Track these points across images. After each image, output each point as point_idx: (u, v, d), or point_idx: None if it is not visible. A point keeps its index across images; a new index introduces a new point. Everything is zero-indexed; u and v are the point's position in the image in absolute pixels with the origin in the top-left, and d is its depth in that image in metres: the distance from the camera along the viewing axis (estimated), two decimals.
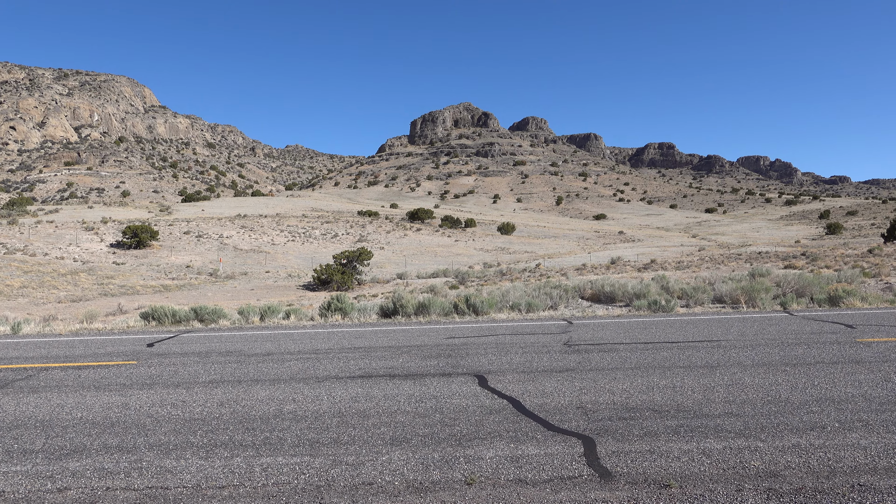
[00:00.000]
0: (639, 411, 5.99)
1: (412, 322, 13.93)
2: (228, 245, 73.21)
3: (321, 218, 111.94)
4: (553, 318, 13.91)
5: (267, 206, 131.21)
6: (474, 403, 6.42)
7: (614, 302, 18.65)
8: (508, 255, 78.72)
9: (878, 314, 12.88)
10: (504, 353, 9.27)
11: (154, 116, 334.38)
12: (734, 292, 16.94)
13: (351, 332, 12.13)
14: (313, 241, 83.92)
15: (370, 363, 8.71)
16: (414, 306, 15.41)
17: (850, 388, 6.65)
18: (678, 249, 73.11)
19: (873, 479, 4.34)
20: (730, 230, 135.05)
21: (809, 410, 5.87)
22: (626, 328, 11.72)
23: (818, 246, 66.98)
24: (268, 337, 11.80)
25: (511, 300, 16.83)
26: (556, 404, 6.30)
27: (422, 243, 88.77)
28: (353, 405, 6.48)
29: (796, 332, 10.56)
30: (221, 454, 5.14)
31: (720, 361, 8.18)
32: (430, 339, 10.81)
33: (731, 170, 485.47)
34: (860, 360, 8.07)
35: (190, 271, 54.10)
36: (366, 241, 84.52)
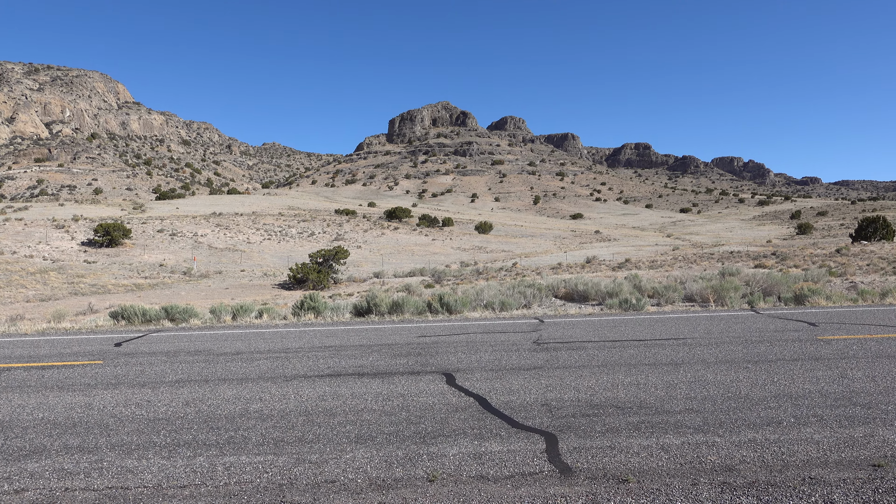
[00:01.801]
0: (602, 408, 6.07)
1: (385, 321, 13.92)
2: (203, 243, 72.40)
3: (298, 216, 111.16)
4: (525, 317, 14.00)
5: (243, 205, 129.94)
6: (441, 401, 6.46)
7: (587, 301, 18.82)
8: (485, 255, 78.92)
9: (841, 312, 13.18)
10: (474, 351, 9.32)
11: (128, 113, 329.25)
12: (704, 291, 17.20)
13: (323, 331, 12.10)
14: (290, 239, 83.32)
15: (340, 362, 8.71)
16: (388, 305, 15.40)
17: (807, 384, 6.81)
18: (653, 249, 73.94)
19: (824, 472, 4.46)
20: (704, 230, 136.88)
21: (767, 406, 6.00)
22: (596, 326, 11.85)
23: (788, 246, 68.21)
24: (239, 336, 11.72)
25: (485, 299, 16.90)
26: (521, 401, 6.36)
27: (399, 242, 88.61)
28: (320, 404, 6.48)
29: (760, 330, 10.77)
30: (184, 454, 5.11)
31: (685, 359, 8.32)
32: (401, 338, 10.83)
33: (705, 170, 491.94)
34: (819, 357, 8.26)
35: (163, 270, 53.42)
36: (343, 240, 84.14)
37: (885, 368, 7.48)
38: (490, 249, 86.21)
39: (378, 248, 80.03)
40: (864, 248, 48.65)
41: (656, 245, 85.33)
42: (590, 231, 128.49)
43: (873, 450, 4.83)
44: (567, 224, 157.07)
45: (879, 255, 39.41)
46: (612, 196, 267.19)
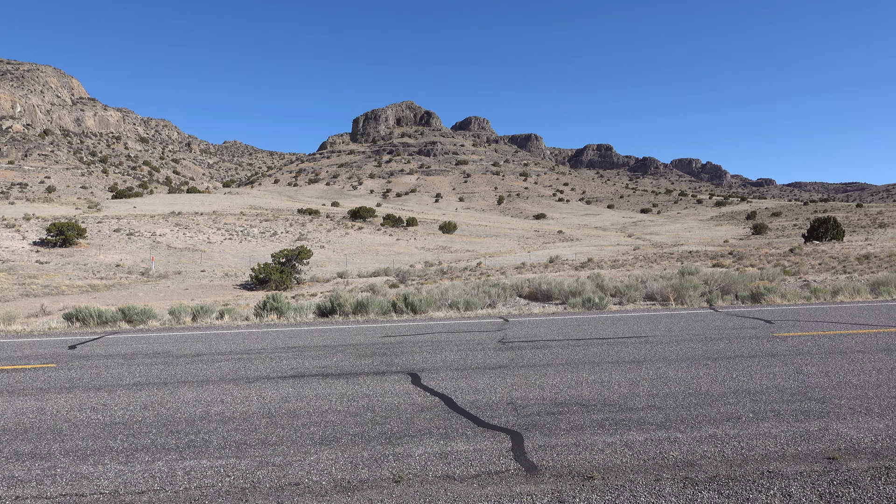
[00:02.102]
0: (567, 406, 6.12)
1: (349, 321, 13.81)
2: (162, 243, 70.82)
3: (260, 216, 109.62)
4: (490, 316, 14.05)
5: (203, 204, 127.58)
6: (406, 401, 6.42)
7: (551, 300, 18.98)
8: (450, 254, 79.03)
9: (795, 310, 13.57)
10: (439, 351, 9.31)
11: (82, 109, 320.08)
12: (664, 290, 17.51)
13: (286, 332, 11.94)
14: (251, 239, 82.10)
15: (303, 363, 8.60)
16: (352, 305, 15.29)
17: (765, 380, 6.98)
18: (614, 248, 75.06)
19: (782, 465, 4.57)
20: (663, 230, 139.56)
21: (727, 402, 6.13)
22: (560, 325, 11.96)
23: (745, 245, 69.99)
24: (199, 337, 11.48)
25: (449, 298, 16.90)
26: (487, 400, 6.37)
27: (363, 242, 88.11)
28: (284, 405, 6.39)
29: (719, 328, 11.01)
30: (143, 458, 4.98)
31: (647, 356, 8.45)
32: (366, 338, 10.76)
33: (665, 171, 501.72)
34: (776, 353, 8.48)
35: (120, 270, 52.09)
36: (306, 240, 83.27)
37: (838, 364, 7.72)
38: (454, 249, 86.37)
39: (342, 248, 79.45)
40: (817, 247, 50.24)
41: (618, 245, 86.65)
42: (553, 231, 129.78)
43: (828, 443, 4.97)
44: (530, 224, 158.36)
45: (830, 255, 40.75)
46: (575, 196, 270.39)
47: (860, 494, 4.09)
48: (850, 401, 6.09)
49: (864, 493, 4.12)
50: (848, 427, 5.33)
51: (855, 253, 41.21)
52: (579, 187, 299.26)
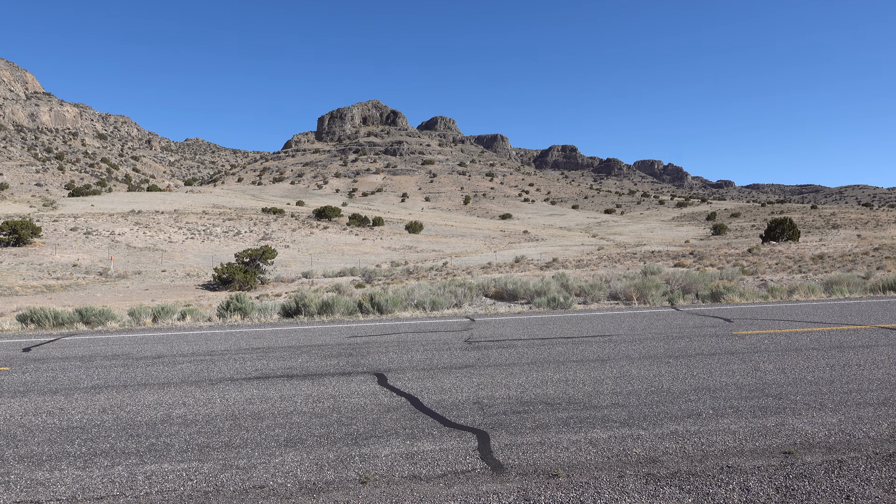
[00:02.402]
0: (532, 405, 6.18)
1: (315, 321, 13.70)
2: (121, 242, 69.17)
3: (223, 215, 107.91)
4: (457, 316, 14.09)
5: (164, 202, 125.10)
6: (373, 402, 6.40)
7: (517, 299, 19.11)
8: (416, 254, 78.95)
9: (753, 308, 13.93)
10: (406, 351, 9.30)
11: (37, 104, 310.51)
12: (628, 289, 17.79)
13: (250, 333, 11.78)
14: (214, 238, 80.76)
15: (268, 364, 8.50)
16: (317, 305, 15.16)
17: (724, 377, 7.15)
18: (579, 249, 75.94)
19: (741, 460, 4.69)
20: (627, 230, 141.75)
21: (688, 399, 6.26)
22: (525, 325, 12.05)
23: (705, 246, 71.51)
24: (160, 339, 11.25)
25: (416, 298, 16.89)
26: (453, 400, 6.39)
27: (329, 242, 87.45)
28: (248, 407, 6.30)
29: (681, 327, 11.24)
30: (101, 463, 4.86)
31: (611, 355, 8.58)
32: (331, 339, 10.69)
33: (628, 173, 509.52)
34: (735, 351, 8.70)
35: (77, 270, 50.71)
36: (270, 240, 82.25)
37: (794, 361, 7.95)
38: (421, 249, 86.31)
39: (307, 248, 78.71)
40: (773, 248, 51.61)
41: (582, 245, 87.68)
42: (518, 231, 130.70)
43: (784, 438, 5.12)
44: (496, 224, 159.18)
45: (787, 255, 41.93)
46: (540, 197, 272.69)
47: (815, 487, 4.23)
48: (805, 396, 6.28)
49: (819, 485, 4.25)
50: (803, 422, 5.49)
51: (810, 253, 42.48)
52: (544, 188, 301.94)
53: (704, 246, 70.24)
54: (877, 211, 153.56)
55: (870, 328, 10.53)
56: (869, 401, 6.11)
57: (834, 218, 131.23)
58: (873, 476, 4.39)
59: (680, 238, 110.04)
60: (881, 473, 4.43)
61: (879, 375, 7.09)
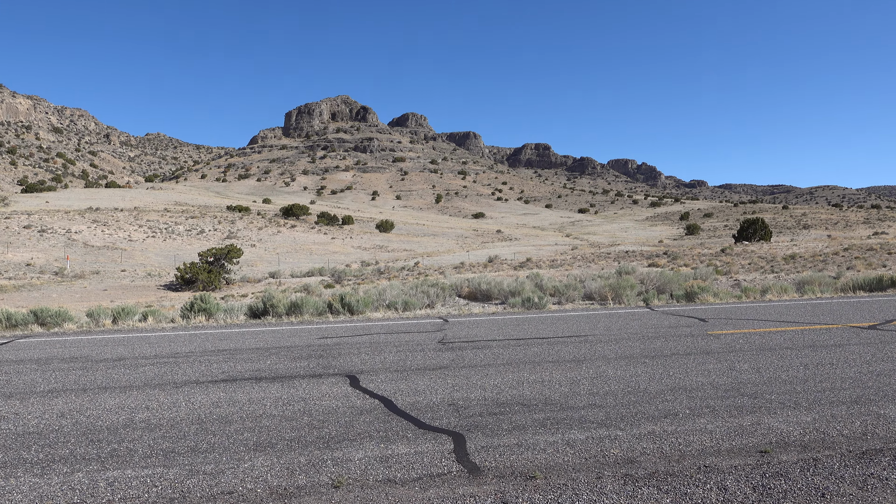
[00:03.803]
0: (509, 406, 6.20)
1: (283, 322, 13.58)
2: (78, 241, 67.67)
3: (186, 212, 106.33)
4: (429, 317, 14.09)
5: (124, 199, 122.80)
6: (345, 404, 6.37)
7: (490, 300, 19.18)
8: (387, 254, 78.76)
9: (727, 308, 14.19)
10: (378, 352, 9.27)
11: None
12: (602, 289, 17.98)
13: (215, 334, 11.63)
14: (177, 237, 79.51)
15: (235, 366, 8.40)
16: (285, 306, 15.03)
17: (700, 376, 7.27)
18: (553, 248, 76.54)
19: (717, 460, 4.77)
20: (601, 230, 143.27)
21: (664, 399, 6.35)
22: (500, 325, 12.10)
23: (679, 245, 72.64)
24: (120, 341, 11.04)
25: (387, 299, 16.85)
26: (428, 402, 6.38)
27: (297, 241, 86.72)
28: (215, 411, 6.22)
29: (656, 327, 11.40)
30: (60, 470, 4.74)
31: (587, 355, 8.66)
32: (301, 340, 10.60)
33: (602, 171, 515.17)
34: (710, 350, 8.85)
35: (31, 270, 49.45)
36: (236, 238, 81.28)
37: (768, 360, 8.11)
38: (392, 248, 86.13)
39: (274, 247, 77.97)
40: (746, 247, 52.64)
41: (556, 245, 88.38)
42: (492, 230, 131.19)
43: (760, 437, 5.22)
44: (469, 223, 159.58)
45: (759, 255, 42.81)
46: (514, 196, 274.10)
47: (790, 486, 4.32)
48: (780, 395, 6.42)
49: (794, 484, 4.34)
50: (778, 421, 5.61)
51: (782, 253, 43.42)
52: (518, 186, 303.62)
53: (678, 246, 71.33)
54: (846, 211, 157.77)
55: (841, 327, 10.81)
56: (842, 399, 6.27)
57: (805, 218, 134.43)
58: (847, 473, 4.50)
59: (654, 238, 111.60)
60: (855, 471, 4.55)
61: (852, 374, 7.28)
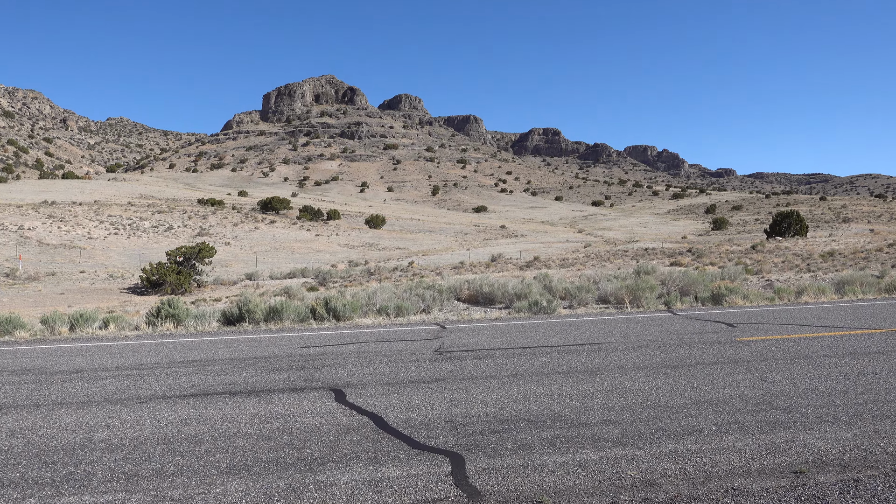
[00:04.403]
0: (513, 423, 6.20)
1: (261, 330, 13.59)
2: (31, 238, 67.63)
3: (152, 207, 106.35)
4: (425, 323, 14.10)
5: (83, 192, 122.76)
6: (329, 421, 6.36)
7: (493, 303, 19.19)
8: (378, 252, 78.82)
9: (758, 312, 14.21)
10: (367, 362, 9.27)
11: None
12: (619, 291, 17.99)
13: (185, 343, 11.63)
14: (142, 234, 79.51)
15: (206, 379, 8.39)
16: (263, 311, 15.04)
17: (728, 388, 7.28)
18: (563, 246, 76.62)
19: (747, 482, 4.77)
20: (617, 225, 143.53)
21: (688, 414, 6.35)
22: (504, 332, 12.11)
23: (704, 242, 72.80)
24: (79, 351, 11.03)
25: (378, 303, 16.86)
26: (423, 419, 6.38)
27: (276, 238, 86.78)
28: (183, 429, 6.21)
29: (679, 333, 11.41)
30: (10, 495, 4.73)
31: (601, 366, 8.66)
32: (280, 350, 10.61)
33: (618, 159, 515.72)
34: (739, 359, 8.86)
35: None
36: (208, 236, 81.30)
37: (804, 370, 8.12)
38: (383, 247, 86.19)
39: (251, 246, 77.98)
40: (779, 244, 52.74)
41: (567, 241, 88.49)
42: (495, 226, 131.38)
43: (794, 456, 5.22)
44: (470, 218, 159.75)
45: (794, 252, 42.88)
46: (519, 187, 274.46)
47: None
48: (817, 409, 6.42)
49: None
50: (815, 438, 5.61)
51: (819, 250, 43.52)
52: (524, 176, 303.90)
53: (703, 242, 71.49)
54: (891, 203, 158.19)
55: (886, 332, 10.82)
56: (887, 413, 6.27)
57: (845, 211, 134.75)
58: (892, 496, 4.50)
59: (676, 233, 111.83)
60: None
61: None
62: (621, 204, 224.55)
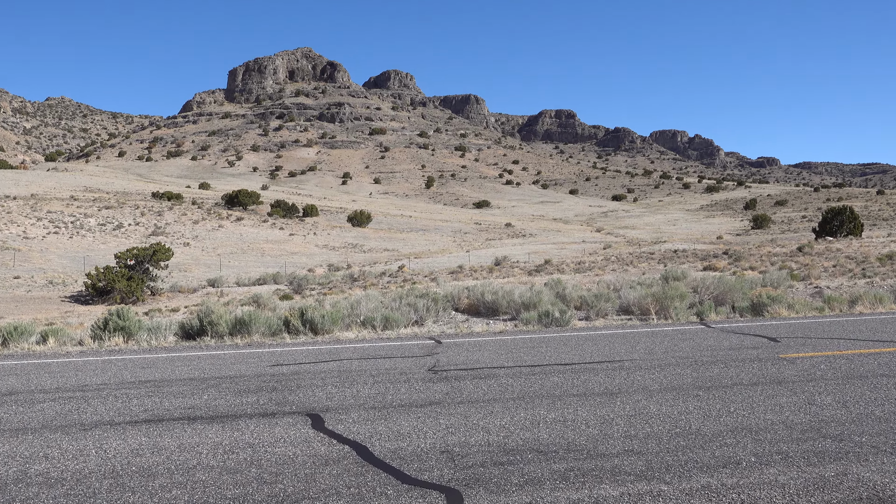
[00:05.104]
0: (520, 453, 6.21)
1: (226, 345, 13.62)
2: None
3: (99, 201, 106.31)
4: (417, 337, 14.13)
5: (18, 184, 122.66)
6: (305, 452, 6.37)
7: (497, 314, 19.24)
8: (362, 255, 78.90)
9: (805, 324, 14.25)
10: (349, 383, 9.29)
11: None
12: (643, 300, 18.03)
13: (137, 361, 11.64)
14: (87, 234, 79.50)
15: (162, 402, 8.40)
16: (229, 323, 15.06)
17: (769, 413, 7.30)
18: (579, 247, 76.78)
19: None
20: (641, 223, 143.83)
21: (723, 443, 6.37)
22: (509, 348, 12.14)
23: (743, 242, 72.98)
24: (12, 370, 11.03)
25: (362, 313, 16.89)
26: (414, 449, 6.39)
27: (244, 238, 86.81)
28: (135, 461, 6.21)
29: (713, 348, 11.45)
30: None
31: (622, 387, 8.68)
32: (249, 368, 10.62)
33: (642, 147, 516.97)
34: (782, 379, 8.89)
35: None
36: (164, 235, 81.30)
37: (858, 391, 8.15)
38: (368, 248, 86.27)
39: (214, 247, 78.00)
40: (830, 245, 52.86)
41: (583, 242, 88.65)
42: (499, 224, 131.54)
43: (847, 492, 5.24)
44: (470, 215, 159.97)
45: (847, 255, 42.97)
46: (528, 178, 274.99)
47: None
48: (874, 437, 6.44)
49: None
50: (871, 471, 5.62)
51: (876, 252, 43.62)
52: (533, 166, 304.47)
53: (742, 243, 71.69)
54: None
55: None
56: None
57: None
58: None
59: (711, 232, 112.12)
60: None
61: None
62: (646, 198, 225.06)
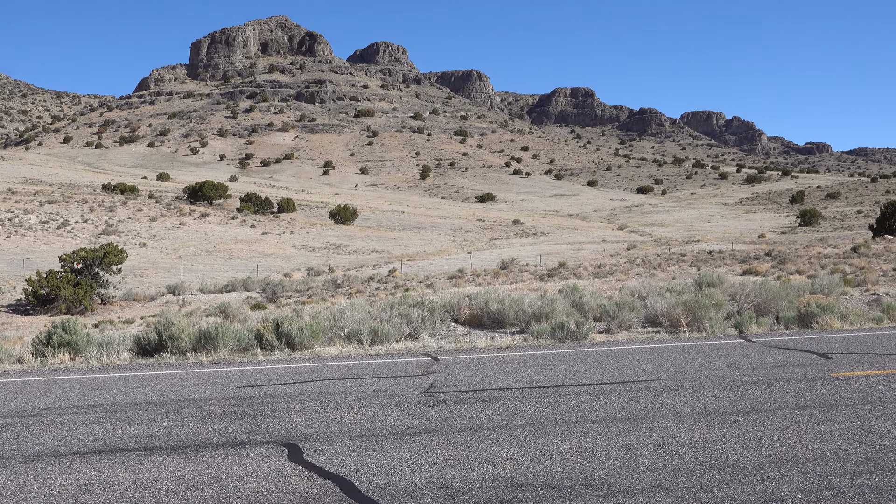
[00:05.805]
0: (530, 489, 6.22)
1: (188, 363, 13.61)
2: None
3: (41, 195, 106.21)
4: (411, 353, 14.12)
5: None
6: (281, 488, 6.38)
7: (503, 326, 19.24)
8: (347, 257, 78.86)
9: (861, 338, 14.26)
10: (332, 408, 9.29)
11: None
12: (673, 310, 18.04)
13: (86, 381, 11.64)
14: (27, 232, 79.44)
15: (115, 430, 8.40)
16: (192, 338, 15.06)
17: (818, 442, 7.30)
18: (598, 247, 76.74)
19: None
20: (671, 219, 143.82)
21: (765, 477, 6.38)
22: (517, 366, 12.14)
23: (789, 242, 72.99)
24: None
25: (347, 326, 16.89)
26: (407, 484, 6.40)
27: (209, 237, 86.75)
28: (83, 498, 6.22)
29: (753, 366, 11.44)
30: None
31: (648, 412, 8.69)
32: (215, 390, 10.62)
33: (672, 130, 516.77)
34: (834, 402, 8.89)
35: None
36: (116, 234, 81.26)
37: None
38: (354, 249, 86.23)
39: (175, 248, 77.94)
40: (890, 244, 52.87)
41: (604, 242, 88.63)
42: (506, 221, 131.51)
43: None
44: (472, 210, 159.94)
45: None
46: (539, 167, 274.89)
47: None
48: None
49: None
50: None
51: None
52: (545, 153, 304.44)
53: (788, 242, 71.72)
54: None
55: None
56: None
57: None
58: None
59: (751, 230, 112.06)
60: None
61: None
62: (677, 190, 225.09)
